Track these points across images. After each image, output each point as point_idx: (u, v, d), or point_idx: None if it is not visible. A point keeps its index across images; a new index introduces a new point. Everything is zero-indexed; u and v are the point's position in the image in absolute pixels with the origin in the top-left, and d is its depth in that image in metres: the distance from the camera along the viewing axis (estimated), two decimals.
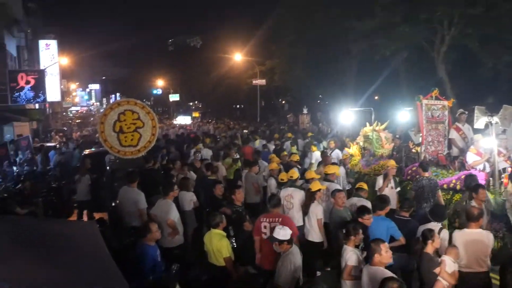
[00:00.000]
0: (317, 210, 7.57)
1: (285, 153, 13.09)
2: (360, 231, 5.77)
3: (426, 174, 8.74)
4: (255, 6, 43.10)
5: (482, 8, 19.36)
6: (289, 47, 33.78)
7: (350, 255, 5.49)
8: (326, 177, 9.01)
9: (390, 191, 8.91)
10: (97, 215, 9.63)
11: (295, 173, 9.05)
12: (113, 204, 9.20)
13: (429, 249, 5.62)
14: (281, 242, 5.64)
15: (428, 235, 5.68)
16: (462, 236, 5.96)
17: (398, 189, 9.25)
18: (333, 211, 7.43)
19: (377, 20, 22.59)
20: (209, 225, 6.52)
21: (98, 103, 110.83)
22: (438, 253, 5.83)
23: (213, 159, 12.81)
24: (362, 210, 6.56)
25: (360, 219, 6.31)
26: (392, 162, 9.48)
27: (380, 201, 7.03)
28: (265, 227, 6.69)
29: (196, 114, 55.91)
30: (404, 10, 21.77)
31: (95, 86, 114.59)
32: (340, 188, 8.28)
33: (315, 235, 7.52)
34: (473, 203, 7.16)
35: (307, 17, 30.86)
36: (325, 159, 11.18)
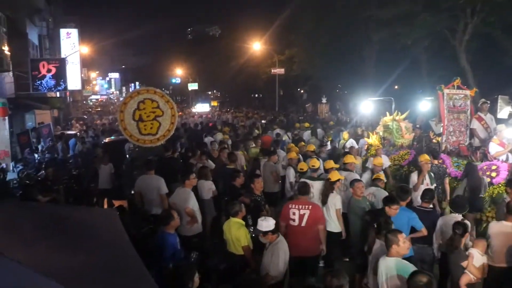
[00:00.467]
0: (335, 200, 7.53)
1: (303, 143, 13.03)
2: (393, 225, 5.65)
3: (435, 162, 8.93)
4: None
5: None
6: (308, 35, 33.53)
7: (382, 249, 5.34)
8: (344, 167, 8.99)
9: (426, 188, 8.06)
10: (116, 203, 9.73)
11: (316, 162, 9.05)
12: (132, 192, 9.29)
13: (461, 242, 5.54)
14: (265, 233, 5.64)
15: (462, 228, 5.59)
16: (499, 228, 5.93)
17: (434, 185, 8.58)
18: (351, 201, 7.39)
19: (398, 8, 22.27)
20: (228, 213, 6.54)
21: (117, 92, 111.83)
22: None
23: (233, 148, 12.82)
24: (391, 199, 6.42)
25: (387, 208, 6.20)
26: (425, 157, 8.70)
27: (401, 191, 6.95)
28: (293, 213, 6.75)
29: (214, 103, 56.02)
30: None
31: (115, 75, 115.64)
32: (359, 178, 8.19)
33: (333, 225, 7.49)
34: (507, 198, 7.12)
35: (327, 5, 30.57)
36: (350, 150, 11.10)
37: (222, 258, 6.74)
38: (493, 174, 8.39)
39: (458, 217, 6.24)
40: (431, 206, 7.06)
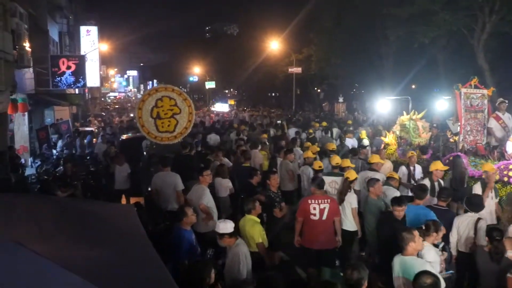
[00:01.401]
0: (351, 199, 7.55)
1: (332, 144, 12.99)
2: (443, 228, 5.62)
3: (424, 157, 9.72)
4: None
5: None
6: (326, 34, 33.46)
7: (427, 250, 5.30)
8: (370, 167, 9.12)
9: (490, 202, 7.58)
10: (133, 200, 9.87)
11: (338, 159, 9.18)
12: (149, 189, 9.41)
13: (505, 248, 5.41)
14: (221, 236, 5.53)
15: (496, 234, 5.47)
16: None
17: (497, 199, 7.93)
18: (368, 200, 7.40)
19: (416, 6, 22.12)
20: (243, 211, 6.61)
21: (135, 89, 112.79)
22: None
23: (250, 147, 12.89)
24: (398, 200, 6.39)
25: (393, 208, 6.22)
26: (490, 166, 7.99)
27: (419, 190, 6.94)
28: (314, 208, 6.88)
29: (231, 102, 56.21)
30: None
31: (133, 73, 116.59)
32: (379, 178, 8.15)
33: (349, 223, 7.51)
34: None
35: (345, 3, 30.48)
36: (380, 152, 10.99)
37: None
38: (511, 173, 8.31)
39: (475, 216, 6.22)
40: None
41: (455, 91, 10.74)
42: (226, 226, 5.54)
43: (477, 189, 7.63)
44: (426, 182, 8.00)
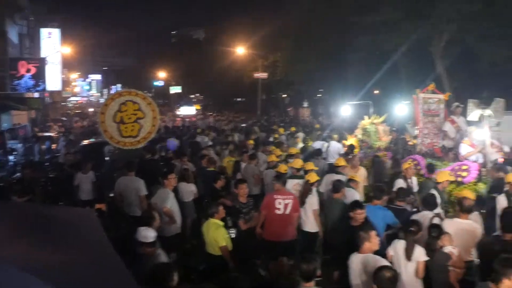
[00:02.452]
0: (313, 201, 7.71)
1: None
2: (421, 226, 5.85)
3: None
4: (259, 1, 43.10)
5: (480, 5, 19.49)
6: (292, 40, 33.87)
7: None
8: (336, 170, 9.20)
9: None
10: (96, 207, 9.73)
11: (300, 161, 9.29)
12: (111, 194, 9.31)
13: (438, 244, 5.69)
14: (140, 244, 5.35)
15: (433, 230, 5.77)
16: (452, 225, 6.12)
17: None
18: (332, 201, 7.59)
19: (380, 14, 22.76)
20: (207, 214, 6.65)
21: (98, 94, 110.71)
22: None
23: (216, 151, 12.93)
24: (355, 205, 6.45)
25: (352, 214, 6.27)
26: None
27: (377, 190, 7.17)
28: (279, 203, 7.34)
29: (197, 107, 55.95)
30: (407, 5, 21.88)
31: (96, 77, 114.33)
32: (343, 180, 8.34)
33: (310, 225, 7.66)
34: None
35: (312, 11, 31.02)
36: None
37: (202, 259, 6.84)
38: (464, 174, 8.69)
39: (430, 214, 6.47)
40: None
41: (413, 96, 11.14)
42: (147, 235, 5.38)
43: (502, 200, 7.18)
44: (434, 192, 7.51)
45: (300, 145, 13.79)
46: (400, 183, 8.54)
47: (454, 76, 23.07)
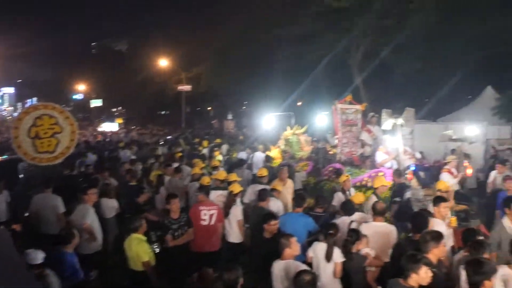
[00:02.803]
0: (237, 212, 7.77)
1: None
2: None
3: None
4: (183, 12, 43.02)
5: (393, 20, 20.76)
6: (216, 53, 34.07)
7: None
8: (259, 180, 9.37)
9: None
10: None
11: (223, 173, 9.37)
12: (27, 214, 8.82)
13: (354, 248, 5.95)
14: (29, 266, 5.05)
15: (350, 234, 6.02)
16: (369, 228, 6.42)
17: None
18: (257, 210, 7.65)
19: (301, 28, 23.58)
20: (129, 229, 6.49)
21: (12, 108, 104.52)
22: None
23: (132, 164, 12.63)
24: (268, 216, 6.48)
25: (266, 226, 6.29)
26: (444, 185, 7.92)
27: (299, 198, 7.36)
28: (204, 214, 7.41)
29: (119, 121, 54.46)
30: (325, 19, 22.83)
31: (10, 90, 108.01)
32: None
33: (235, 236, 7.71)
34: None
35: (235, 23, 31.41)
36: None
37: (124, 276, 6.66)
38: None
39: (348, 219, 6.76)
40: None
41: (332, 107, 11.62)
42: (34, 257, 5.21)
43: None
44: (374, 198, 7.87)
45: (219, 157, 13.84)
46: (339, 195, 8.61)
47: (371, 87, 24.31)
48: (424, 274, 4.22)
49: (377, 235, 6.34)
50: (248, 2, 30.63)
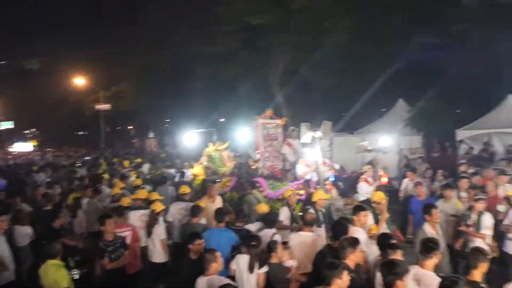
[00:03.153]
0: (159, 231, 7.65)
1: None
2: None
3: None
4: (99, 29, 41.87)
5: (310, 38, 21.60)
6: (136, 71, 33.56)
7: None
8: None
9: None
10: None
11: (144, 192, 9.26)
12: None
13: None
14: None
15: (273, 246, 6.12)
16: (296, 238, 6.63)
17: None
18: (188, 226, 7.65)
19: (221, 46, 23.84)
20: (45, 256, 6.14)
21: None
22: None
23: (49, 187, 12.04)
24: (192, 236, 6.34)
25: (191, 246, 6.17)
26: (379, 196, 7.98)
27: (219, 213, 7.36)
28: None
29: (34, 143, 51.59)
30: (243, 37, 23.25)
31: None
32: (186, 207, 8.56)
33: (158, 255, 7.57)
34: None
35: (155, 42, 31.18)
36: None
37: None
38: (301, 192, 9.43)
39: (270, 231, 6.88)
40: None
41: (253, 122, 11.81)
42: None
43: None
44: (311, 211, 7.79)
45: (133, 178, 13.55)
46: (285, 210, 8.53)
47: (291, 102, 24.96)
48: (345, 278, 4.39)
49: (303, 244, 6.51)
50: (167, 19, 30.55)
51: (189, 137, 16.27)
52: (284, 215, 8.36)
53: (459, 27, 19.76)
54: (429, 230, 6.92)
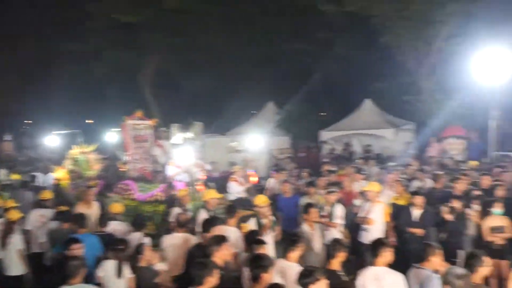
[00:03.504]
0: (16, 241, 7.02)
1: None
2: None
3: None
4: None
5: (182, 38, 21.51)
6: None
7: None
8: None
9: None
10: None
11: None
12: None
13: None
14: None
15: (140, 249, 5.95)
16: (168, 239, 6.60)
17: None
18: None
19: (88, 43, 22.68)
20: None
21: None
22: None
23: None
24: (70, 240, 5.97)
25: (67, 252, 5.70)
26: (261, 199, 7.80)
27: (80, 218, 7.06)
28: None
29: None
30: (111, 36, 22.37)
31: None
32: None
33: (15, 268, 6.92)
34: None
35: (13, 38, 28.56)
36: None
37: None
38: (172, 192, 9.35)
39: (138, 234, 6.76)
40: None
41: (122, 123, 11.40)
42: None
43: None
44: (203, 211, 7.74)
45: None
46: (177, 211, 8.15)
47: (162, 103, 24.64)
48: (216, 276, 4.40)
49: (174, 245, 6.47)
50: (28, 14, 28.15)
51: (51, 139, 15.12)
52: (173, 215, 8.02)
53: (322, 34, 21.20)
54: (306, 228, 7.36)
